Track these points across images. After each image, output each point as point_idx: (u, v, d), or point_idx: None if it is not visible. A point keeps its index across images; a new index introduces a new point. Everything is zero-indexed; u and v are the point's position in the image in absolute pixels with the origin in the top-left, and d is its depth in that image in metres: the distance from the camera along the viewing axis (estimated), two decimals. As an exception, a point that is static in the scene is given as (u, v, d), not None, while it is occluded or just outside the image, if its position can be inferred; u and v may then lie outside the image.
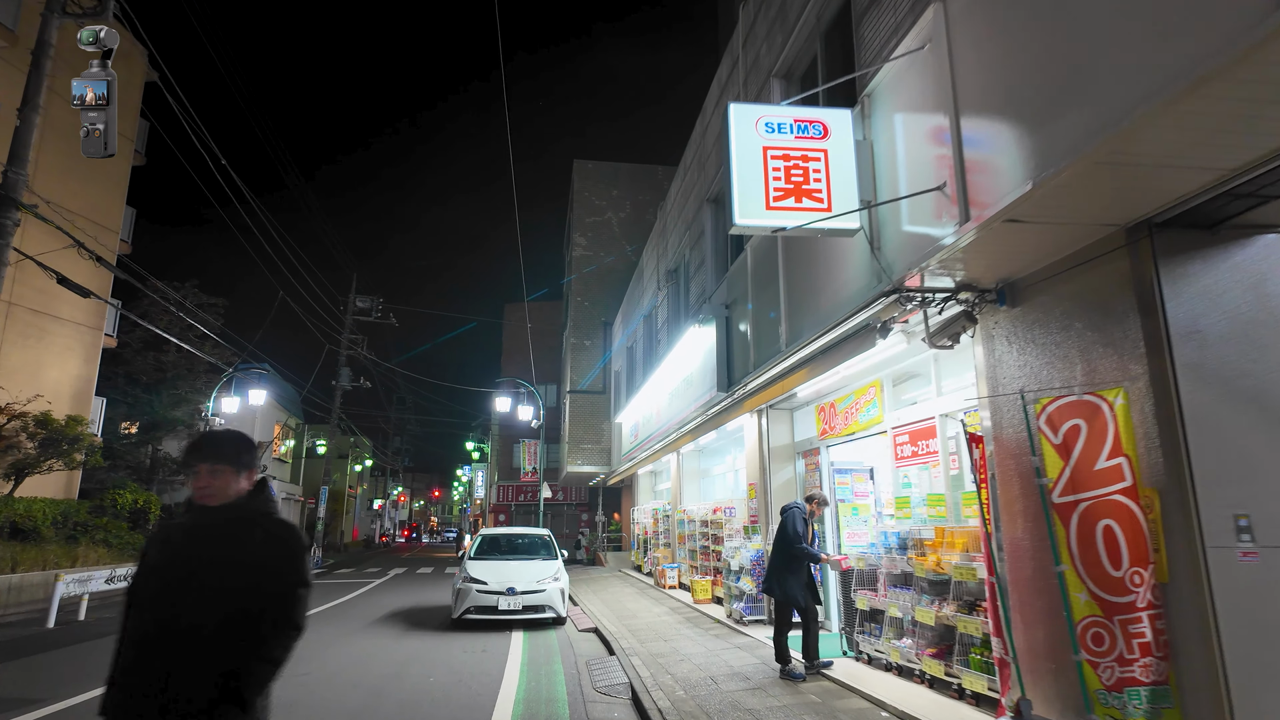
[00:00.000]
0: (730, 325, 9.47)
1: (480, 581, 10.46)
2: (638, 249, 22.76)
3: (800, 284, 6.89)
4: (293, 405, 32.86)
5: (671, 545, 15.03)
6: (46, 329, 17.55)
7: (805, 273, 6.76)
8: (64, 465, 16.32)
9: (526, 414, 20.94)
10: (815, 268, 6.50)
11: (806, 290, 6.70)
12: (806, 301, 6.66)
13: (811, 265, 6.60)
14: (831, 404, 8.59)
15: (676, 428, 12.52)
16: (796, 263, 7.09)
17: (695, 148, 12.01)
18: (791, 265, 7.23)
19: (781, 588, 6.46)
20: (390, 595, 15.53)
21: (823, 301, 6.21)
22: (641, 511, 19.55)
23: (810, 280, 6.62)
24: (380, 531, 59.44)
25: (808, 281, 6.67)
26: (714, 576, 11.82)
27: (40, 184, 17.52)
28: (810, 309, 6.52)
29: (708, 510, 12.49)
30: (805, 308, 6.66)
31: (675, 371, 12.50)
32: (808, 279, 6.68)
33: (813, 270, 6.54)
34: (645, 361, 16.58)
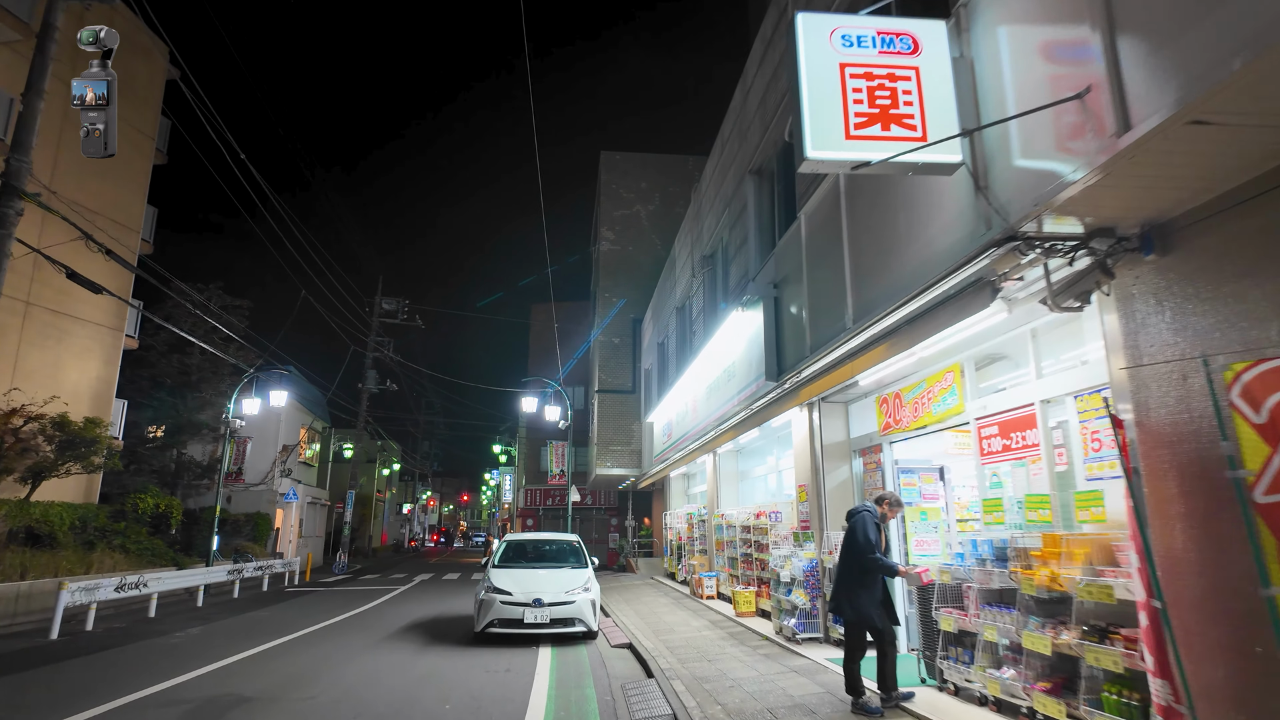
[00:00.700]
0: (780, 307, 8.51)
1: (504, 592, 9.62)
2: (668, 242, 21.87)
3: (871, 247, 5.92)
4: (319, 408, 32.48)
5: (708, 552, 14.06)
6: (66, 329, 17.18)
7: (877, 233, 5.79)
8: (82, 469, 15.87)
9: (554, 414, 20.14)
10: (891, 224, 5.53)
11: (879, 253, 5.74)
12: (880, 267, 5.70)
13: (886, 222, 5.63)
14: (897, 395, 7.59)
15: (714, 425, 11.57)
16: (865, 222, 6.13)
17: (735, 117, 11.08)
18: (859, 226, 6.26)
19: (853, 605, 5.48)
20: (412, 604, 14.78)
21: (903, 264, 5.24)
22: (674, 516, 18.60)
23: (885, 240, 5.65)
24: (409, 536, 59.23)
25: (881, 242, 5.70)
26: (758, 587, 10.83)
27: (59, 182, 17.19)
28: (885, 275, 5.55)
29: (749, 515, 11.52)
30: (878, 275, 5.70)
31: (713, 364, 11.56)
32: (881, 240, 5.71)
33: (888, 228, 5.58)
34: (678, 356, 15.65)
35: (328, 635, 10.44)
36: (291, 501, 21.91)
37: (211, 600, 15.75)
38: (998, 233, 3.91)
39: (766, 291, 8.69)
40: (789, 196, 8.66)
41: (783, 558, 8.90)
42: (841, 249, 6.37)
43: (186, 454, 23.32)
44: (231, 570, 16.66)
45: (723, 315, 10.29)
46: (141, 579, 12.66)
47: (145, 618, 12.64)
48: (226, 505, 25.00)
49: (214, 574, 15.84)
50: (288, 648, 9.32)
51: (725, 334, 10.13)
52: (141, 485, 19.48)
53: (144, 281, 16.14)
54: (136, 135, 19.29)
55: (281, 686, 7.04)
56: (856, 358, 6.08)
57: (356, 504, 42.15)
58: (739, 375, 9.77)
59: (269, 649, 9.18)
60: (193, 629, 11.19)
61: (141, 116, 19.49)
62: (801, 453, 9.01)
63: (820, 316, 7.13)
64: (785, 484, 11.65)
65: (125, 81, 19.36)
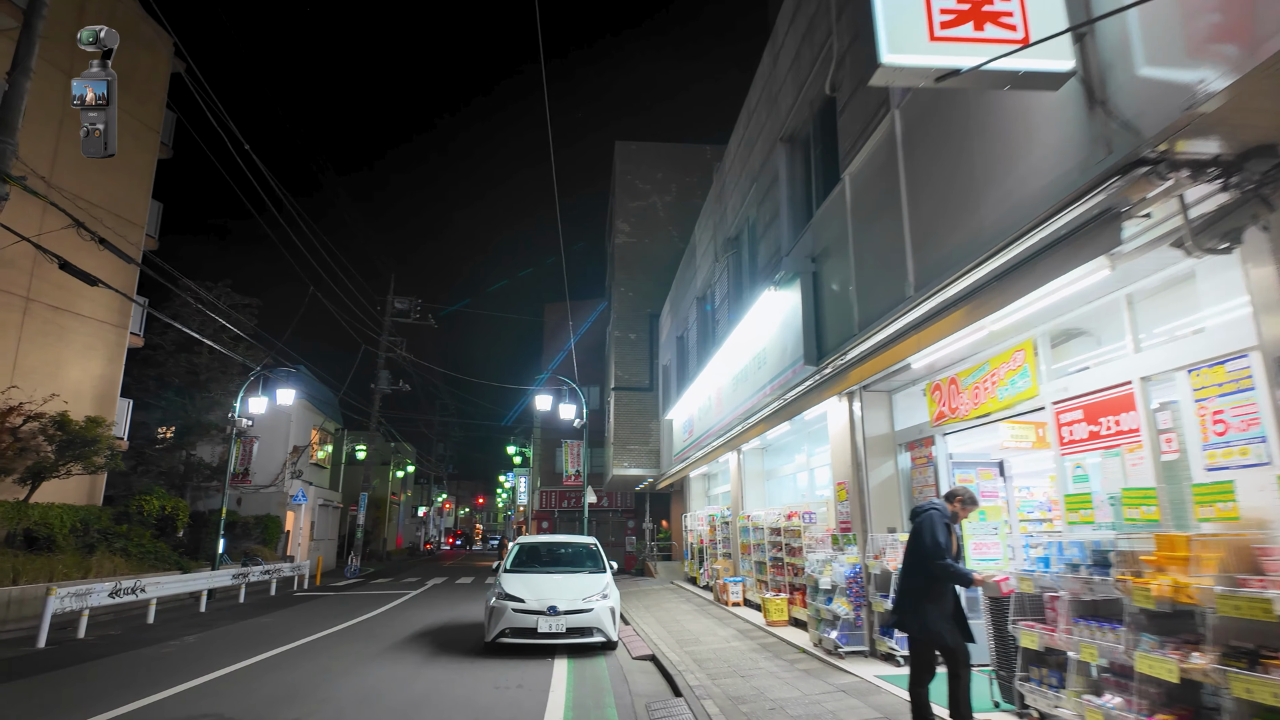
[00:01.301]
0: (819, 283, 7.72)
1: (516, 599, 8.90)
2: (685, 234, 21.11)
3: (936, 201, 5.14)
4: (331, 409, 32.00)
5: (733, 556, 13.26)
6: (67, 326, 16.70)
7: (944, 183, 5.00)
8: (83, 469, 15.35)
9: (569, 413, 19.42)
10: (964, 169, 4.74)
11: (948, 207, 4.95)
12: (949, 223, 4.91)
13: (957, 167, 4.84)
14: (952, 380, 6.77)
15: (741, 420, 10.78)
16: (928, 172, 5.34)
17: (763, 84, 10.29)
18: (920, 178, 5.48)
19: (919, 620, 4.68)
20: (423, 610, 14.09)
21: (983, 214, 4.46)
22: (695, 518, 17.80)
23: (955, 190, 4.85)
24: (424, 539, 58.79)
25: (950, 194, 4.91)
26: (790, 594, 10.03)
27: (59, 175, 16.74)
28: (957, 231, 4.77)
29: (778, 516, 10.72)
30: (947, 232, 4.92)
31: (740, 352, 10.78)
32: (950, 190, 4.92)
33: (960, 174, 4.79)
34: (699, 348, 14.88)
35: (329, 644, 9.76)
36: (301, 503, 21.35)
37: (216, 605, 15.16)
38: (1122, 157, 3.12)
39: (803, 266, 7.90)
40: (828, 159, 7.89)
41: (820, 563, 8.09)
42: (898, 207, 5.58)
43: (195, 455, 22.84)
44: (236, 574, 16.08)
45: (751, 298, 9.52)
46: (138, 584, 12.05)
47: (143, 624, 12.04)
48: (236, 508, 24.52)
49: (218, 578, 15.25)
50: (284, 658, 8.64)
51: (755, 317, 9.34)
52: (147, 487, 18.96)
53: (152, 280, 15.63)
54: (140, 128, 18.84)
55: (268, 705, 6.34)
56: (920, 329, 5.26)
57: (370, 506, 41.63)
58: (771, 362, 8.99)
59: (263, 660, 8.50)
60: (189, 636, 10.56)
61: (145, 109, 19.03)
62: (840, 447, 8.20)
63: (871, 288, 6.34)
64: (818, 482, 10.84)
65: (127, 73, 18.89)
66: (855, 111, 6.74)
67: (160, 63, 19.55)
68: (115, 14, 18.15)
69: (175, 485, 22.32)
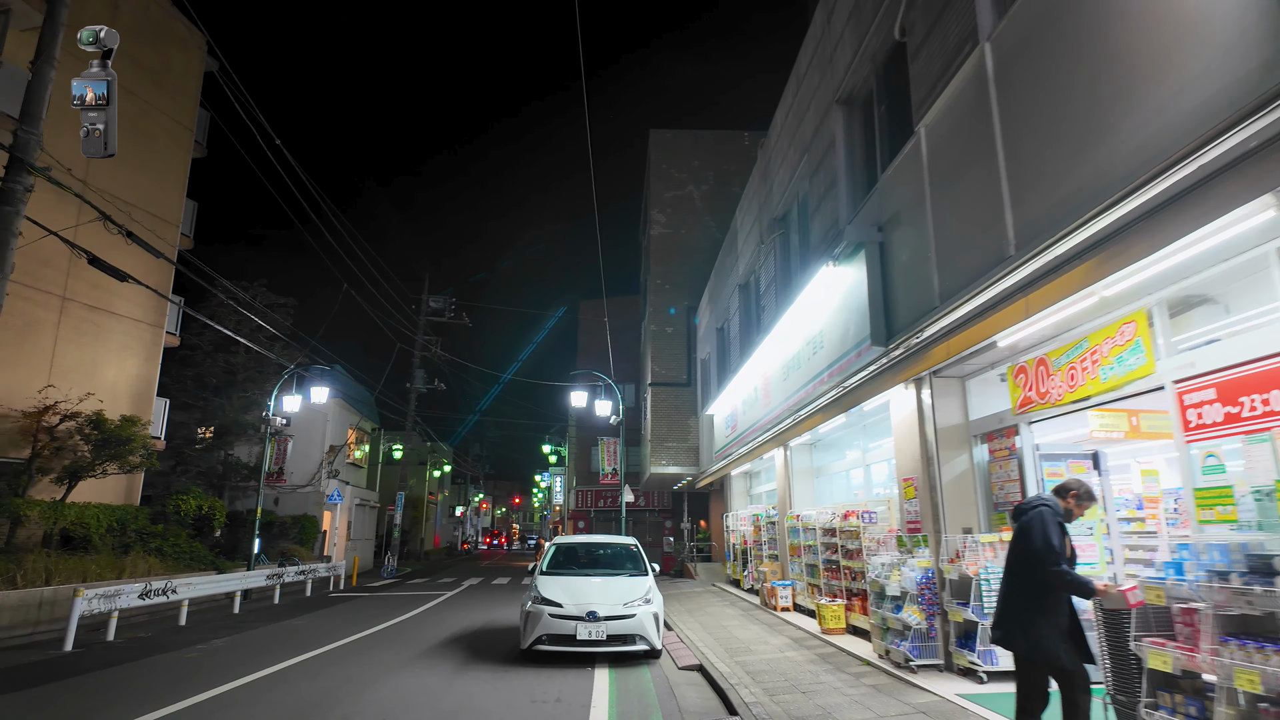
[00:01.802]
0: (887, 253, 6.99)
1: (553, 603, 8.33)
2: (723, 224, 20.38)
3: (1044, 136, 4.42)
4: (368, 409, 31.98)
5: (781, 558, 12.52)
6: (103, 325, 16.68)
7: (1058, 113, 4.28)
8: (119, 469, 15.25)
9: (604, 409, 18.84)
10: (1083, 94, 4.02)
11: (1062, 141, 4.23)
12: (1062, 162, 4.20)
13: (1074, 91, 4.13)
14: (1041, 361, 5.99)
15: (790, 412, 10.06)
16: (1030, 105, 4.63)
17: (814, 46, 9.55)
18: (1019, 114, 4.75)
19: (1029, 637, 3.95)
20: (458, 612, 13.64)
21: (1113, 145, 3.73)
22: (737, 518, 17.08)
23: (1073, 119, 4.14)
24: (462, 539, 58.96)
25: (1066, 125, 4.19)
26: (848, 600, 9.28)
27: (94, 174, 16.73)
28: (1075, 171, 4.06)
29: (833, 516, 9.97)
30: (1061, 173, 4.20)
31: (790, 338, 10.06)
32: (1062, 123, 4.20)
33: (1077, 101, 4.05)
34: (742, 339, 14.17)
35: (359, 649, 9.31)
36: (336, 503, 21.17)
37: (251, 606, 14.93)
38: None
39: (868, 236, 7.16)
40: (896, 115, 7.15)
41: (886, 567, 7.34)
42: (991, 155, 4.84)
43: (233, 455, 22.84)
44: (271, 575, 15.85)
45: (803, 280, 8.80)
46: (169, 585, 11.79)
47: (175, 626, 11.79)
48: (273, 508, 24.50)
49: (251, 579, 15.01)
50: (310, 665, 8.20)
51: (809, 298, 8.59)
52: (184, 487, 18.91)
53: (189, 280, 15.49)
54: (174, 126, 18.82)
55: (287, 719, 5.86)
56: (1027, 293, 4.49)
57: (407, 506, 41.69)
58: (829, 346, 8.26)
59: (289, 667, 8.06)
60: (218, 640, 10.22)
61: (178, 107, 18.99)
62: (906, 440, 7.45)
63: (955, 253, 5.60)
64: (875, 479, 10.07)
65: (160, 71, 18.83)
66: (932, 54, 5.99)
67: (193, 61, 19.51)
68: (148, 11, 18.15)
69: (214, 485, 22.35)
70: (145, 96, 17.96)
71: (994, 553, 6.30)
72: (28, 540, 12.84)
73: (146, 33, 18.05)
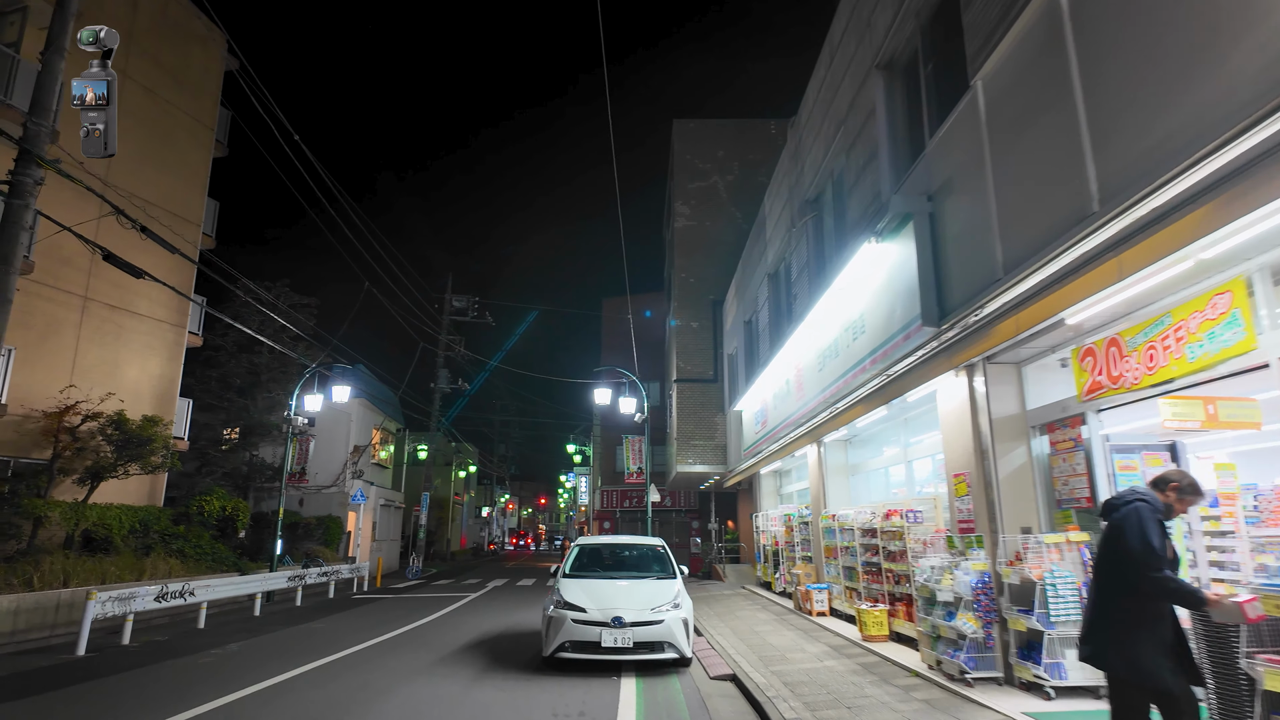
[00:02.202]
0: (938, 224, 6.42)
1: (577, 608, 7.87)
2: (750, 215, 19.80)
3: (1134, 69, 3.86)
4: (392, 409, 31.88)
5: (815, 560, 11.94)
6: (125, 325, 16.59)
7: (1153, 39, 3.70)
8: (140, 469, 15.12)
9: (629, 406, 18.37)
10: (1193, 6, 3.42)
11: (1161, 70, 3.66)
12: (1159, 96, 3.64)
13: (1178, 9, 3.51)
14: (1112, 341, 5.38)
15: (826, 405, 9.50)
16: (1120, 34, 4.04)
17: (850, 10, 8.94)
18: (1104, 46, 4.18)
19: (1126, 654, 3.38)
20: (480, 615, 13.27)
21: (1237, 61, 3.14)
22: (767, 518, 16.49)
23: (1173, 45, 3.55)
24: (488, 540, 58.96)
25: (1163, 52, 3.62)
26: (891, 605, 8.69)
27: (115, 173, 16.66)
28: (1179, 104, 3.51)
29: (872, 515, 9.38)
30: (1158, 108, 3.65)
31: (827, 324, 9.50)
32: (1162, 48, 3.62)
33: (1183, 18, 3.46)
34: (772, 330, 13.61)
35: (377, 654, 8.94)
36: (359, 504, 20.96)
37: (272, 609, 14.72)
38: None
39: (916, 207, 6.59)
40: (946, 74, 6.60)
41: (937, 570, 6.77)
42: (1067, 100, 4.28)
43: (258, 456, 22.76)
44: (292, 577, 15.63)
45: (840, 261, 8.22)
46: (187, 587, 11.56)
47: (193, 629, 11.55)
48: (298, 509, 24.43)
49: (272, 581, 14.80)
50: (324, 672, 7.84)
51: (848, 280, 8.01)
52: (208, 488, 18.82)
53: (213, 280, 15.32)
54: (195, 125, 18.74)
55: (292, 735, 5.46)
56: (1118, 253, 3.89)
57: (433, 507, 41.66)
58: (872, 330, 7.70)
59: (301, 674, 7.70)
60: (234, 644, 9.94)
61: (199, 106, 18.91)
62: (956, 433, 6.86)
63: (1021, 217, 5.03)
64: (917, 476, 9.47)
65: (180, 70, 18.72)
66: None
67: (213, 60, 19.42)
68: (167, 10, 18.09)
69: (239, 486, 22.28)
70: (166, 96, 17.89)
71: (1060, 554, 5.71)
72: (48, 541, 12.72)
73: (166, 31, 17.99)
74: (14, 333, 13.76)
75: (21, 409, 13.69)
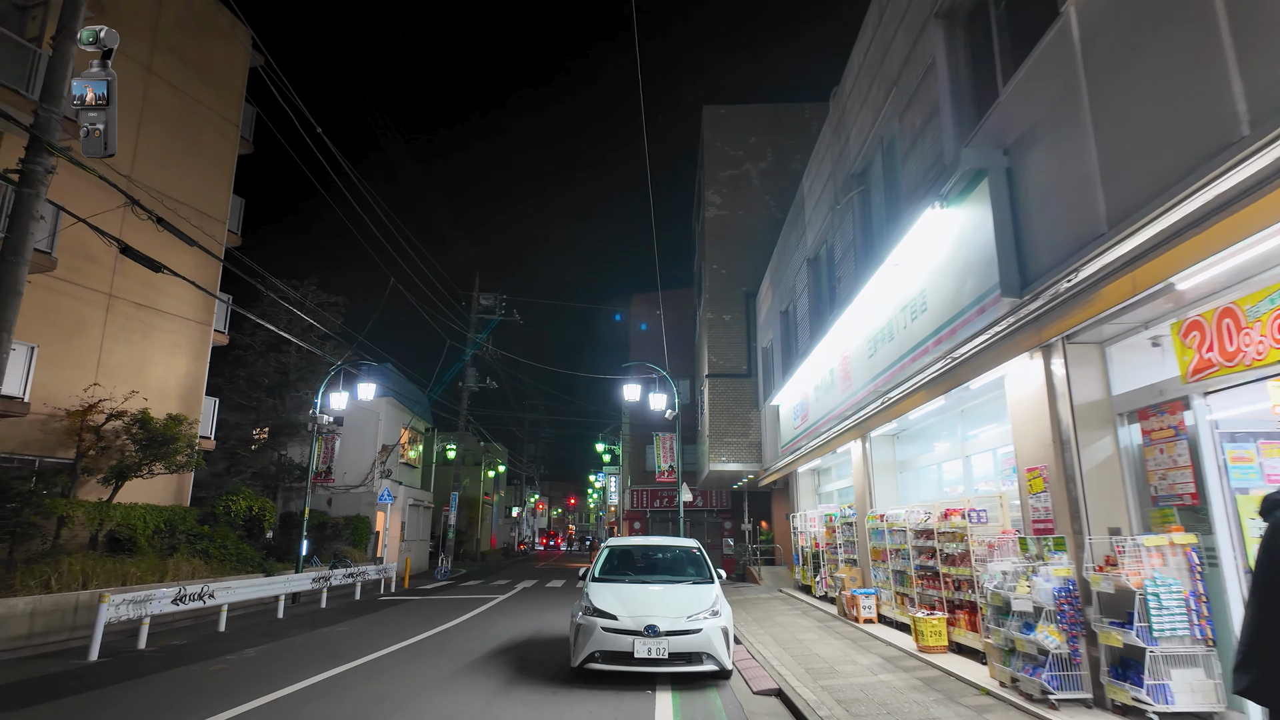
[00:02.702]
0: (1017, 180, 5.68)
1: (607, 615, 7.28)
2: (784, 203, 19.05)
3: None
4: (421, 409, 31.67)
5: (861, 563, 11.21)
6: (150, 323, 16.45)
7: None
8: (164, 468, 14.92)
9: (659, 403, 17.75)
10: None
11: None
12: None
13: None
14: (1225, 311, 4.62)
15: (878, 394, 8.77)
16: None
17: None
18: None
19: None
20: (508, 618, 12.77)
21: None
22: (805, 519, 15.75)
23: None
24: (518, 540, 58.79)
25: None
26: (950, 612, 7.95)
27: (140, 169, 16.53)
28: None
29: (927, 515, 8.64)
30: None
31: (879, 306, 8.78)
32: None
33: None
34: (814, 318, 12.88)
35: (398, 662, 8.46)
36: (386, 503, 20.65)
37: (296, 611, 14.40)
38: None
39: (991, 162, 5.86)
40: (1024, 8, 5.86)
41: (1010, 576, 6.03)
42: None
43: (286, 455, 22.60)
44: (317, 578, 15.30)
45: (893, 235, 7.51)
46: (207, 589, 11.24)
47: (214, 632, 11.22)
48: (326, 508, 24.25)
49: (296, 582, 14.47)
50: (340, 681, 7.36)
51: (905, 252, 7.24)
52: (234, 487, 18.63)
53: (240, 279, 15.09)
54: (220, 122, 18.58)
55: (295, 756, 4.95)
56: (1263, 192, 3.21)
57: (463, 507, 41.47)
58: (935, 309, 6.98)
59: (317, 683, 7.23)
60: (251, 650, 9.54)
61: (224, 102, 18.74)
62: (1030, 422, 6.12)
63: (1134, 157, 4.30)
64: (977, 472, 8.70)
65: (205, 66, 18.51)
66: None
67: (238, 55, 19.27)
68: (192, 5, 17.96)
69: (268, 486, 22.14)
70: (191, 92, 17.74)
71: (1162, 559, 4.96)
72: (70, 542, 12.51)
73: (190, 27, 17.85)
74: (38, 330, 13.67)
75: (45, 407, 13.53)
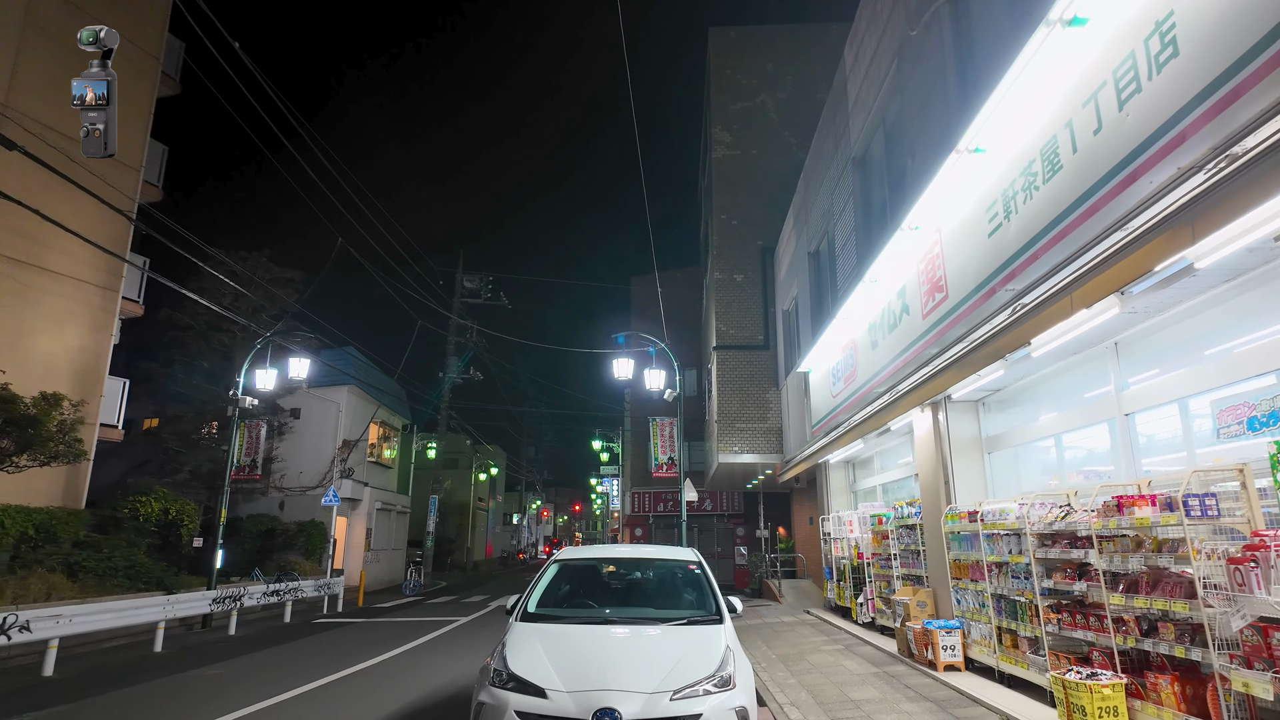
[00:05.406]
0: None
1: (532, 689, 4.05)
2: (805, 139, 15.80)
3: None
4: (396, 403, 28.52)
5: (934, 582, 7.93)
6: (31, 284, 13.43)
7: None
8: (32, 460, 11.79)
9: (656, 380, 14.52)
10: None
11: None
12: None
13: None
14: None
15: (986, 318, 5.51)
16: None
17: None
18: None
19: None
20: (452, 655, 9.56)
21: None
22: (840, 522, 12.43)
23: None
24: (518, 548, 55.49)
25: None
26: (1133, 674, 4.65)
27: (18, 96, 13.57)
28: None
29: (1064, 509, 5.37)
30: None
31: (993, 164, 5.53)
32: None
33: None
34: (861, 241, 9.61)
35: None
36: (332, 504, 17.48)
37: (192, 640, 11.28)
38: None
39: None
40: None
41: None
42: None
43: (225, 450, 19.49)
44: (219, 599, 12.12)
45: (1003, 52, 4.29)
46: (15, 619, 8.07)
47: (27, 680, 8.08)
48: (279, 512, 21.13)
49: (183, 605, 11.27)
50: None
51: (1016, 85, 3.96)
52: (146, 486, 15.50)
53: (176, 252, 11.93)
54: (135, 52, 15.55)
55: None
56: None
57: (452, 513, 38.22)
58: (1075, 170, 3.70)
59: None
60: (28, 716, 6.38)
61: (139, 30, 15.73)
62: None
63: None
64: (1144, 443, 5.41)
65: (120, -8, 15.41)
66: None
67: (157, -22, 16.28)
68: (92, -91, 14.99)
69: (211, 487, 19.07)
70: (95, 14, 14.72)
71: None
72: None
73: (92, -68, 14.86)
74: None
75: None
